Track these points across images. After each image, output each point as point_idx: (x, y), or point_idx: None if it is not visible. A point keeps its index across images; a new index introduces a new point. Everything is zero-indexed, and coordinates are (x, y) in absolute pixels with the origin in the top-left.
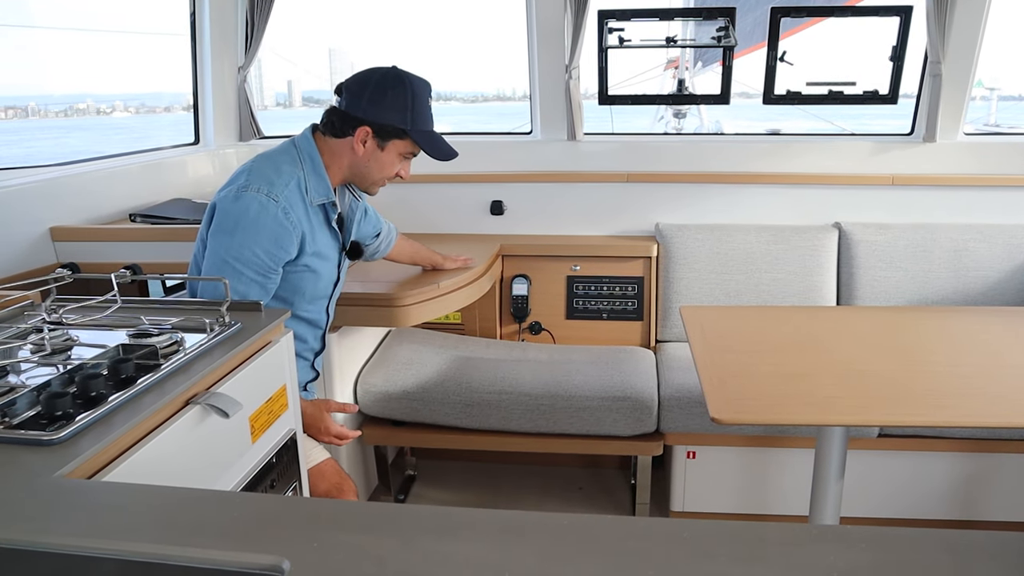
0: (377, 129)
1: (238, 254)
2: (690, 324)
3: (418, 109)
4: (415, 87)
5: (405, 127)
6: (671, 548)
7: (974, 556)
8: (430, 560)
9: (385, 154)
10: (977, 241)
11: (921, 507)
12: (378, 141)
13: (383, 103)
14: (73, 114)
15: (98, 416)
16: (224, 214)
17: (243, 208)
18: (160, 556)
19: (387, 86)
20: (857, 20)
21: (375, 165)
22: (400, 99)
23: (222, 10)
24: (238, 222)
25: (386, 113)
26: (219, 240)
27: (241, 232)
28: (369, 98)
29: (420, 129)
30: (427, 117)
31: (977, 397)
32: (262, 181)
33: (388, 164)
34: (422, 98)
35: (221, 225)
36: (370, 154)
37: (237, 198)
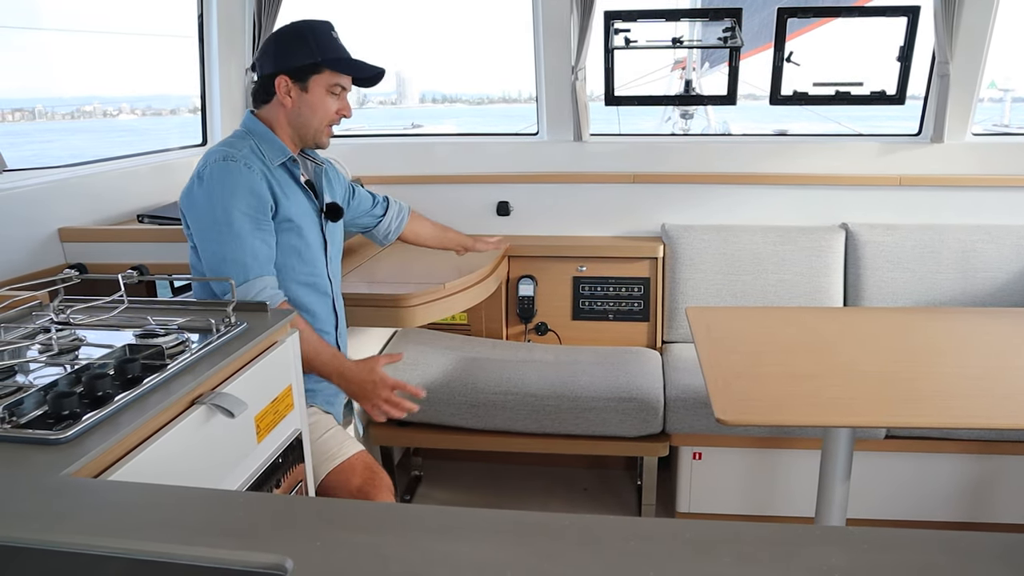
0: (292, 73)
1: (225, 219)
2: (696, 325)
3: (322, 41)
4: (312, 25)
5: (315, 60)
6: (673, 549)
7: (978, 558)
8: (432, 559)
9: (311, 95)
10: (985, 242)
11: (928, 509)
12: (299, 85)
13: (288, 50)
14: (80, 116)
15: (104, 415)
16: (195, 197)
17: (207, 181)
18: (165, 555)
19: (285, 35)
20: (864, 20)
21: (307, 110)
22: (300, 39)
23: (230, 11)
24: (210, 193)
25: (294, 56)
26: (200, 217)
27: (217, 199)
28: (273, 52)
29: (332, 57)
30: (336, 46)
31: (985, 398)
32: (218, 155)
33: (319, 104)
34: (323, 31)
35: (196, 205)
36: (297, 101)
37: (199, 177)
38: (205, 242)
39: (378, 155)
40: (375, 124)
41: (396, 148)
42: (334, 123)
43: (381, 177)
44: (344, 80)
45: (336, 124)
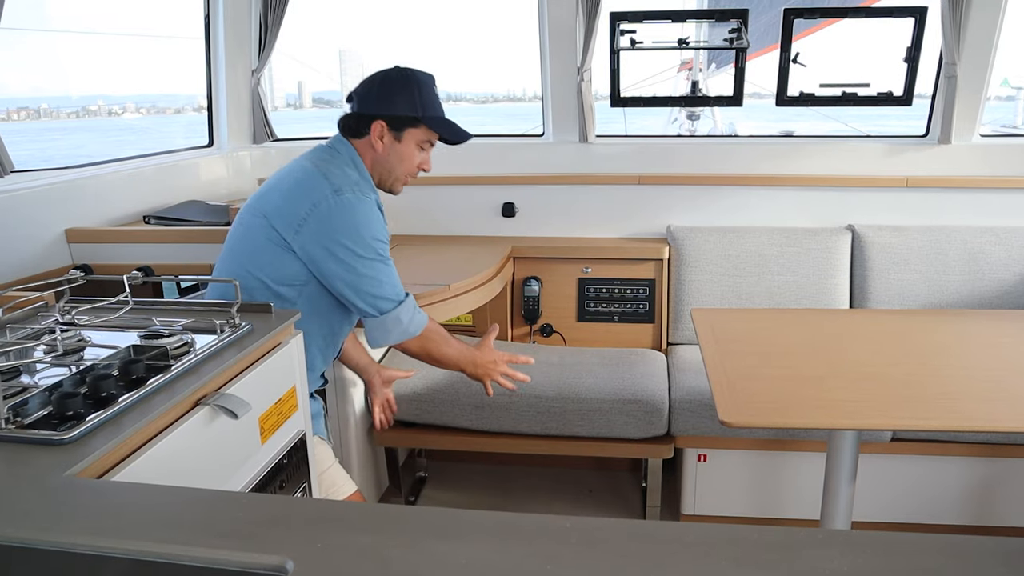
0: (391, 121)
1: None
2: (701, 326)
3: (426, 97)
4: (419, 78)
5: (417, 114)
6: (673, 551)
7: (980, 562)
8: (432, 560)
9: (403, 145)
10: (992, 243)
11: (935, 512)
12: (394, 133)
13: (392, 97)
14: (85, 115)
15: (108, 416)
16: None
17: (351, 209)
18: (167, 555)
19: (392, 81)
20: (871, 21)
21: (395, 158)
22: (407, 91)
23: (236, 14)
24: (356, 221)
25: (396, 105)
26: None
27: (364, 229)
28: (378, 95)
29: (431, 115)
30: (436, 104)
31: (992, 401)
32: (347, 183)
33: (408, 156)
34: (428, 87)
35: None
36: (389, 148)
37: (343, 200)
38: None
39: None
40: None
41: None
42: (412, 175)
43: None
44: (435, 137)
45: (414, 176)
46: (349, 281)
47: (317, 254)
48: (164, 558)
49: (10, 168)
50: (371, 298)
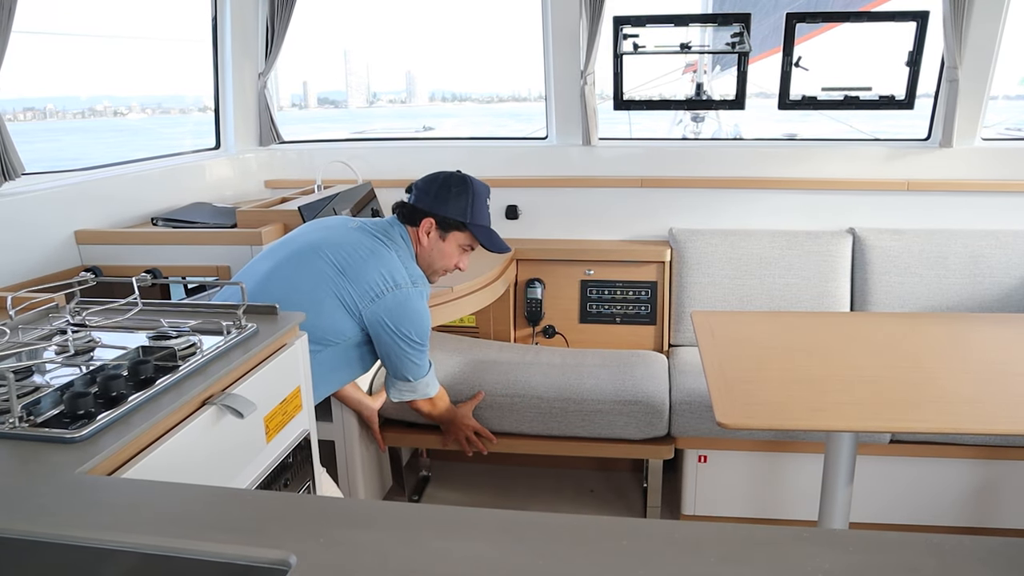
0: (440, 221)
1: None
2: (700, 328)
3: (477, 206)
4: (475, 188)
5: (465, 220)
6: (664, 548)
7: (962, 560)
8: (432, 556)
9: (446, 244)
10: (993, 247)
11: (932, 514)
12: (440, 232)
13: (446, 199)
14: (91, 115)
15: (118, 415)
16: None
17: (422, 303)
18: (175, 549)
19: (451, 185)
20: (873, 25)
21: (437, 255)
22: (462, 197)
23: (243, 16)
24: (423, 315)
25: (449, 208)
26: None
27: (427, 323)
28: (435, 194)
29: (477, 224)
30: (484, 214)
31: (990, 404)
32: (418, 277)
33: (449, 255)
34: (481, 198)
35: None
36: (433, 244)
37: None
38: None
39: (388, 158)
40: (385, 123)
41: (406, 151)
42: (448, 272)
43: (391, 181)
44: (476, 243)
45: (449, 272)
46: (396, 356)
47: (380, 330)
48: (173, 552)
49: (21, 171)
50: (409, 370)
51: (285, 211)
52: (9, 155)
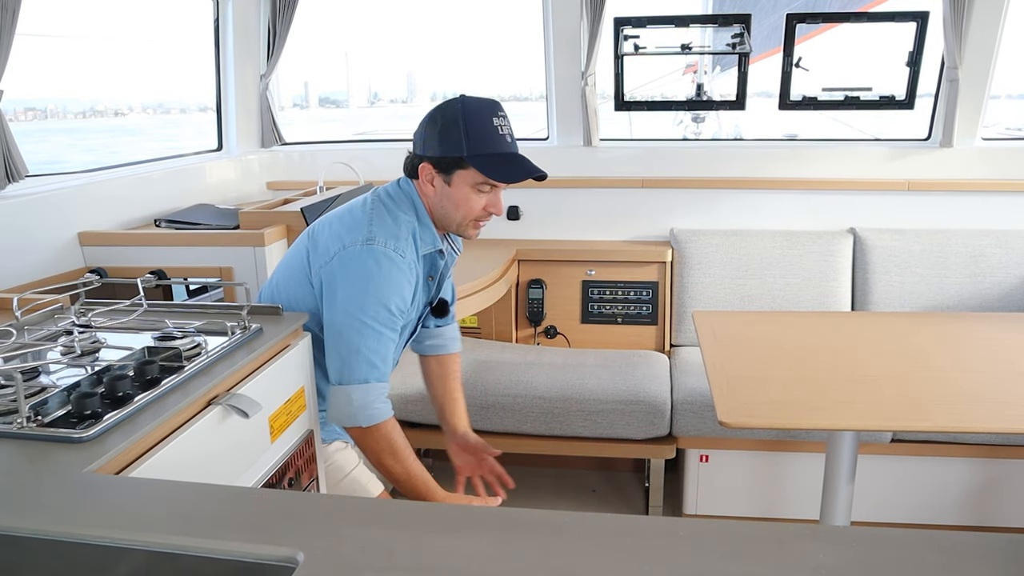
0: (436, 163)
1: (374, 313)
2: (702, 328)
3: (474, 132)
4: (467, 110)
5: (462, 154)
6: (667, 545)
7: (961, 556)
8: (436, 553)
9: (455, 189)
10: (993, 247)
11: (934, 513)
12: (443, 176)
13: (437, 134)
14: (91, 116)
15: (125, 415)
16: (353, 267)
17: (374, 263)
18: (184, 547)
19: (439, 116)
20: (873, 25)
21: (449, 203)
22: (453, 127)
23: (245, 18)
24: (370, 278)
25: (441, 144)
26: (349, 296)
27: (374, 289)
28: (425, 133)
29: (479, 153)
30: (487, 139)
31: (991, 403)
32: (388, 235)
33: (463, 200)
34: (479, 120)
35: (350, 279)
36: (440, 192)
37: (368, 252)
38: (346, 321)
39: (390, 159)
40: (385, 125)
41: (405, 153)
42: (482, 219)
43: None
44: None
45: (485, 219)
46: (332, 333)
47: (326, 296)
48: (181, 550)
49: (25, 173)
50: (340, 361)
51: (288, 212)
52: (13, 157)
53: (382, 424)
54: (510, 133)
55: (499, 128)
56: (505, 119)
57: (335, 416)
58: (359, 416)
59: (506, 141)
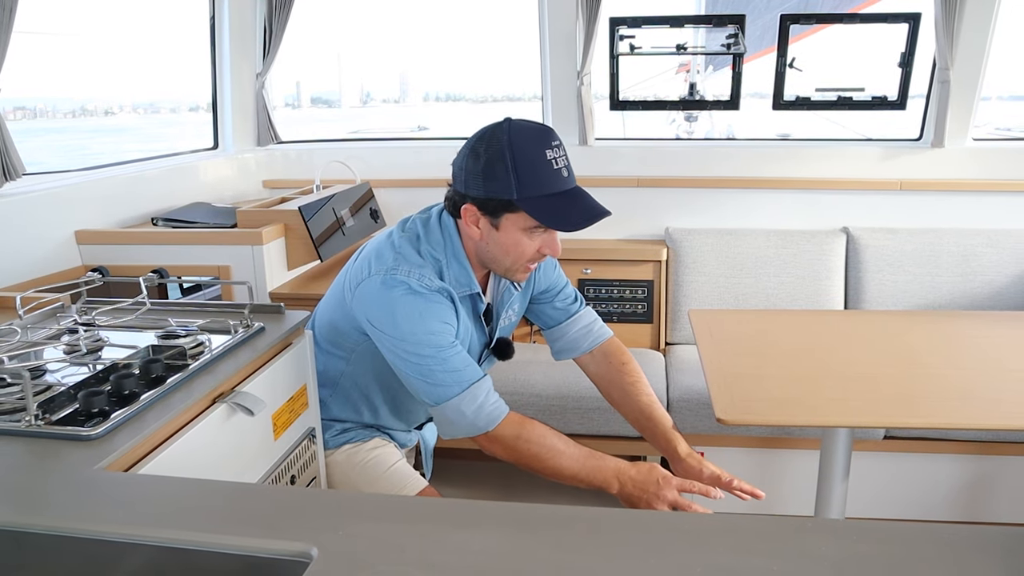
0: (481, 204)
1: (419, 349)
2: (698, 327)
3: (524, 169)
4: (515, 143)
5: (511, 197)
6: (673, 539)
7: (960, 549)
8: (448, 548)
9: (503, 233)
10: (984, 246)
11: (927, 508)
12: (489, 219)
13: (481, 172)
14: (81, 115)
15: (132, 413)
16: (377, 305)
17: (395, 297)
18: (195, 543)
19: (482, 149)
20: (866, 26)
21: (497, 248)
22: (499, 163)
23: (241, 17)
24: (396, 312)
25: (487, 184)
26: (388, 334)
27: (407, 324)
28: (467, 168)
29: (531, 196)
30: (542, 177)
31: (982, 400)
32: (410, 266)
33: (513, 245)
34: (529, 155)
35: (380, 316)
36: (487, 236)
37: (385, 285)
38: (398, 360)
39: (386, 158)
40: (378, 124)
41: (402, 152)
42: (535, 262)
43: (388, 181)
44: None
45: (539, 261)
46: (396, 366)
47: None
48: (193, 545)
49: (21, 171)
50: (424, 386)
51: (285, 211)
52: (10, 155)
53: (509, 421)
54: (566, 166)
55: (553, 162)
56: (560, 148)
57: (453, 431)
58: (479, 422)
59: (562, 176)
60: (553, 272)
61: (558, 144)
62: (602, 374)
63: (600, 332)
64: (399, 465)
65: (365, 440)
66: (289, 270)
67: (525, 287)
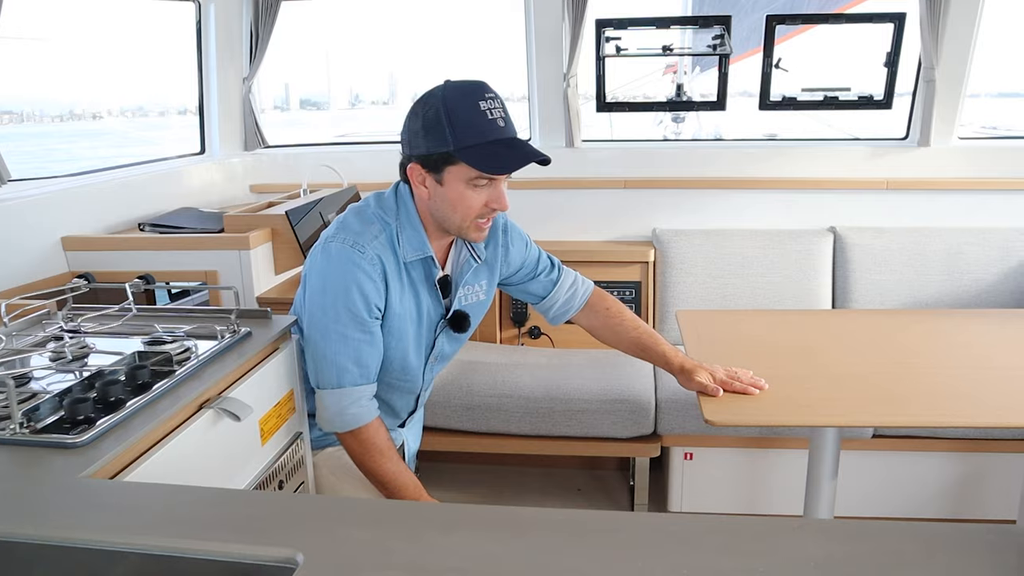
0: (424, 161)
1: (335, 315)
2: (686, 328)
3: (460, 122)
4: (449, 97)
5: (448, 148)
6: (660, 540)
7: (941, 546)
8: (434, 552)
9: (448, 188)
10: (971, 244)
11: (915, 506)
12: (433, 176)
13: (421, 130)
14: (69, 119)
15: (118, 420)
16: (312, 270)
17: (329, 262)
18: (182, 550)
19: (420, 109)
20: (852, 26)
21: (445, 204)
22: (436, 118)
23: (227, 21)
24: (325, 277)
25: (427, 140)
26: (311, 298)
27: (331, 289)
28: (410, 129)
29: (467, 145)
30: (477, 127)
31: (970, 398)
32: (348, 232)
33: (458, 199)
34: (463, 106)
35: (311, 283)
36: (434, 192)
37: (324, 251)
38: (312, 326)
39: (373, 161)
40: (366, 126)
41: (388, 154)
42: (484, 216)
43: (375, 184)
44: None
45: (489, 216)
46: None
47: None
48: (179, 552)
49: (7, 177)
50: (313, 365)
51: (272, 216)
52: None
53: (362, 428)
54: (503, 116)
55: (488, 112)
56: (495, 100)
57: (320, 419)
58: (335, 421)
59: (498, 126)
60: (525, 249)
61: (493, 96)
62: (592, 324)
63: (585, 288)
64: None
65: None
66: (276, 275)
67: (492, 264)
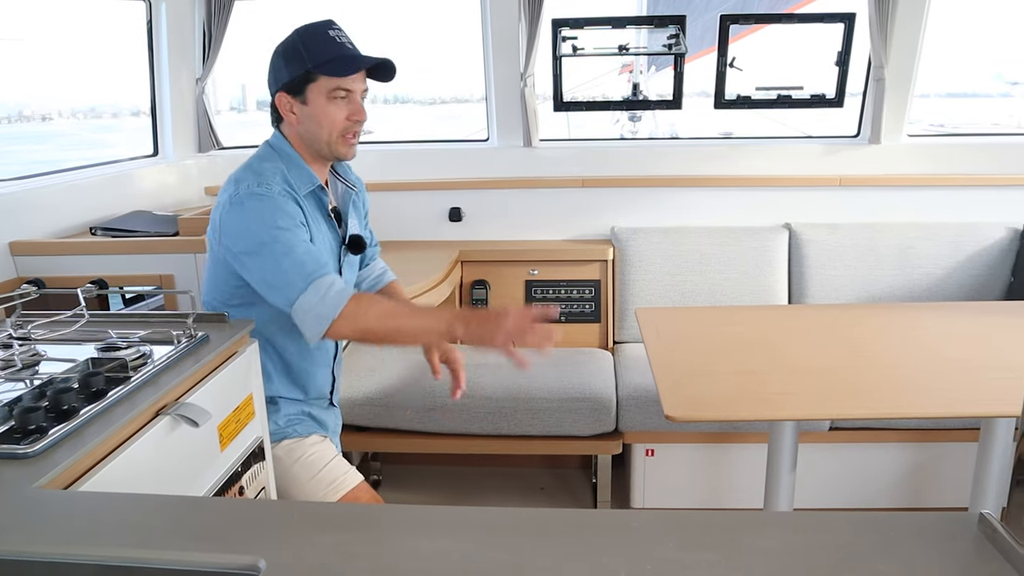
0: (288, 87)
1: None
2: (645, 325)
3: (312, 45)
4: (301, 31)
5: (305, 67)
6: (623, 537)
7: (898, 535)
8: (399, 555)
9: (312, 107)
10: (922, 239)
11: (871, 496)
12: (298, 100)
13: (282, 62)
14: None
15: (71, 429)
16: (234, 227)
17: (244, 208)
18: (140, 560)
19: (279, 47)
20: (803, 26)
21: (312, 123)
22: (292, 45)
23: (179, 20)
24: (246, 216)
25: (287, 67)
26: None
27: (255, 220)
28: (272, 67)
29: (321, 61)
30: (328, 47)
31: (922, 389)
32: (249, 180)
33: (323, 113)
34: (315, 34)
35: (234, 230)
36: (301, 116)
37: (233, 204)
38: (258, 266)
39: None
40: None
41: None
42: (349, 130)
43: None
44: (344, 82)
45: (353, 130)
46: (258, 282)
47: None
48: (137, 563)
49: None
50: (279, 290)
51: None
52: None
53: (349, 303)
54: (349, 42)
55: (336, 37)
56: (342, 32)
57: (314, 331)
58: (324, 312)
59: (347, 47)
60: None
61: (339, 28)
62: None
63: (389, 277)
64: (336, 461)
65: (304, 436)
66: None
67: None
